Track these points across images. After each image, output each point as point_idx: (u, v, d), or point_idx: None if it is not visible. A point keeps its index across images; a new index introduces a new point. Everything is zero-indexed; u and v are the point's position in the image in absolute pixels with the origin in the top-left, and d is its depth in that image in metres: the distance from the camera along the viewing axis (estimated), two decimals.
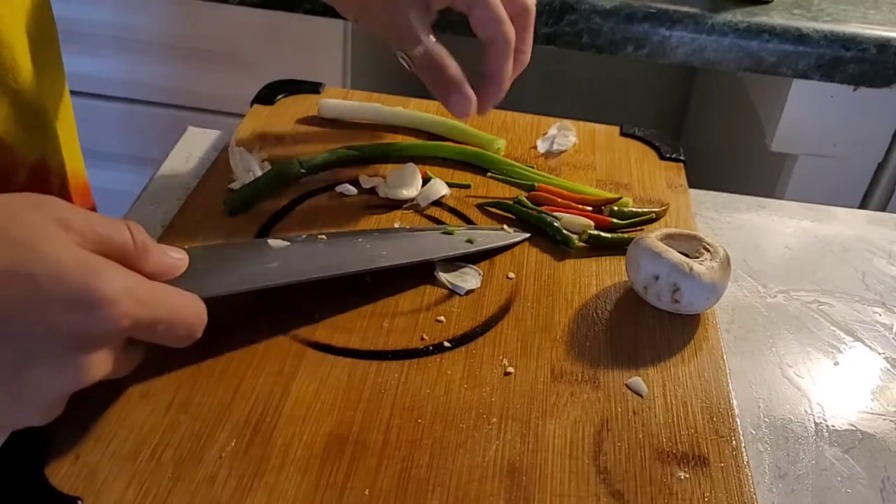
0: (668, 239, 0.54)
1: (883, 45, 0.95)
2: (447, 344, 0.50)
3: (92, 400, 0.43)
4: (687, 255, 0.53)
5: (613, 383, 0.48)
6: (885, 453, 0.49)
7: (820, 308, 0.60)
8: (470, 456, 0.43)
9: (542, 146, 0.70)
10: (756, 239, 0.67)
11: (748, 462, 0.44)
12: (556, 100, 1.79)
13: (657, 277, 0.52)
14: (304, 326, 0.50)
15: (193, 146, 0.71)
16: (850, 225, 0.70)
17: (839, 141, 1.04)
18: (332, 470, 0.41)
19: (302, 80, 0.75)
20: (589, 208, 0.62)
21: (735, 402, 0.48)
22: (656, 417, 0.46)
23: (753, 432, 0.50)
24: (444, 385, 0.47)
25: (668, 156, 0.71)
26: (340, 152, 0.65)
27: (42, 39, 0.57)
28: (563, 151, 0.70)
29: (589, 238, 0.59)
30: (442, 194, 0.62)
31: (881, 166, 1.06)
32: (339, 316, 0.51)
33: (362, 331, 0.50)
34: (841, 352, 0.56)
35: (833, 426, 0.51)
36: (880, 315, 0.60)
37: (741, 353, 0.55)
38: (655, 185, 0.67)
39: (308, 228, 0.58)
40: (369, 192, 0.63)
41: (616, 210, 0.62)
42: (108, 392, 0.44)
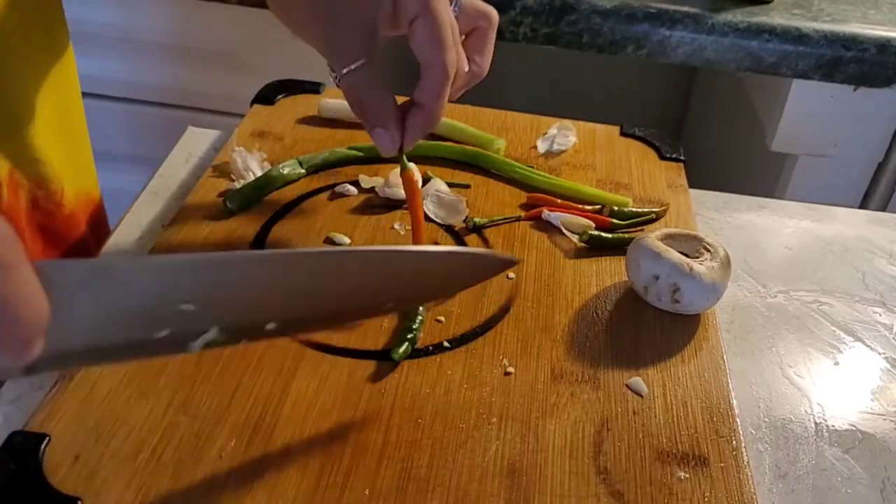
0: (669, 239, 0.54)
1: (883, 45, 0.95)
2: (447, 344, 0.50)
3: (92, 400, 0.43)
4: (687, 256, 0.53)
5: (613, 383, 0.48)
6: (885, 453, 0.49)
7: (820, 308, 0.60)
8: (470, 456, 0.43)
9: (542, 146, 0.70)
10: (756, 239, 0.67)
11: (748, 462, 0.44)
12: (556, 100, 1.79)
13: (657, 277, 0.52)
14: None
15: (193, 146, 0.71)
16: (850, 225, 0.70)
17: (839, 141, 1.04)
18: (332, 470, 0.41)
19: (302, 80, 0.75)
20: (589, 208, 0.62)
21: (735, 403, 0.48)
22: (656, 417, 0.46)
23: (753, 432, 0.50)
24: (444, 385, 0.47)
25: (669, 156, 0.71)
26: (340, 152, 0.65)
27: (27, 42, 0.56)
28: (563, 151, 0.70)
29: (589, 238, 0.59)
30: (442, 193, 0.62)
31: (881, 166, 1.06)
32: None
33: (362, 331, 0.50)
34: (841, 352, 0.56)
35: (833, 426, 0.50)
36: (880, 315, 0.60)
37: (741, 353, 0.55)
38: (655, 185, 0.67)
39: (308, 228, 0.58)
40: (369, 192, 0.63)
41: (616, 210, 0.62)
42: (108, 392, 0.44)
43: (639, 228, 0.61)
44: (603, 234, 0.59)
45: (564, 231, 0.60)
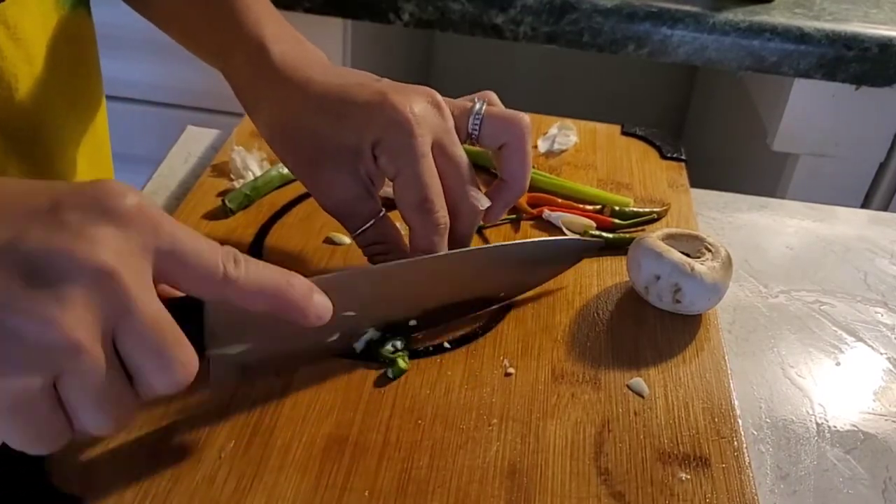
0: (670, 239, 0.54)
1: (885, 45, 0.95)
2: (447, 344, 0.50)
3: None
4: (688, 255, 0.53)
5: (614, 384, 0.48)
6: (887, 454, 0.49)
7: (822, 308, 0.60)
8: (470, 457, 0.43)
9: (542, 145, 0.70)
10: (757, 239, 0.67)
11: (750, 463, 0.44)
12: (556, 99, 1.79)
13: (658, 277, 0.52)
14: None
15: (193, 145, 0.71)
16: (851, 225, 0.70)
17: (841, 140, 1.04)
18: (332, 470, 0.41)
19: None
20: (590, 208, 0.62)
21: (736, 403, 0.48)
22: (657, 418, 0.46)
23: (755, 433, 0.49)
24: (445, 386, 0.47)
25: (670, 155, 0.70)
26: None
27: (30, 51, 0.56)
28: (563, 151, 0.70)
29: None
30: None
31: (883, 166, 1.06)
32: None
33: None
34: (843, 352, 0.56)
35: (835, 427, 0.50)
36: (882, 315, 0.60)
37: (743, 353, 0.55)
38: (657, 185, 0.67)
39: (307, 228, 0.58)
40: None
41: (617, 210, 0.62)
42: None
43: (640, 228, 0.61)
44: (604, 234, 0.59)
45: (565, 231, 0.60)
